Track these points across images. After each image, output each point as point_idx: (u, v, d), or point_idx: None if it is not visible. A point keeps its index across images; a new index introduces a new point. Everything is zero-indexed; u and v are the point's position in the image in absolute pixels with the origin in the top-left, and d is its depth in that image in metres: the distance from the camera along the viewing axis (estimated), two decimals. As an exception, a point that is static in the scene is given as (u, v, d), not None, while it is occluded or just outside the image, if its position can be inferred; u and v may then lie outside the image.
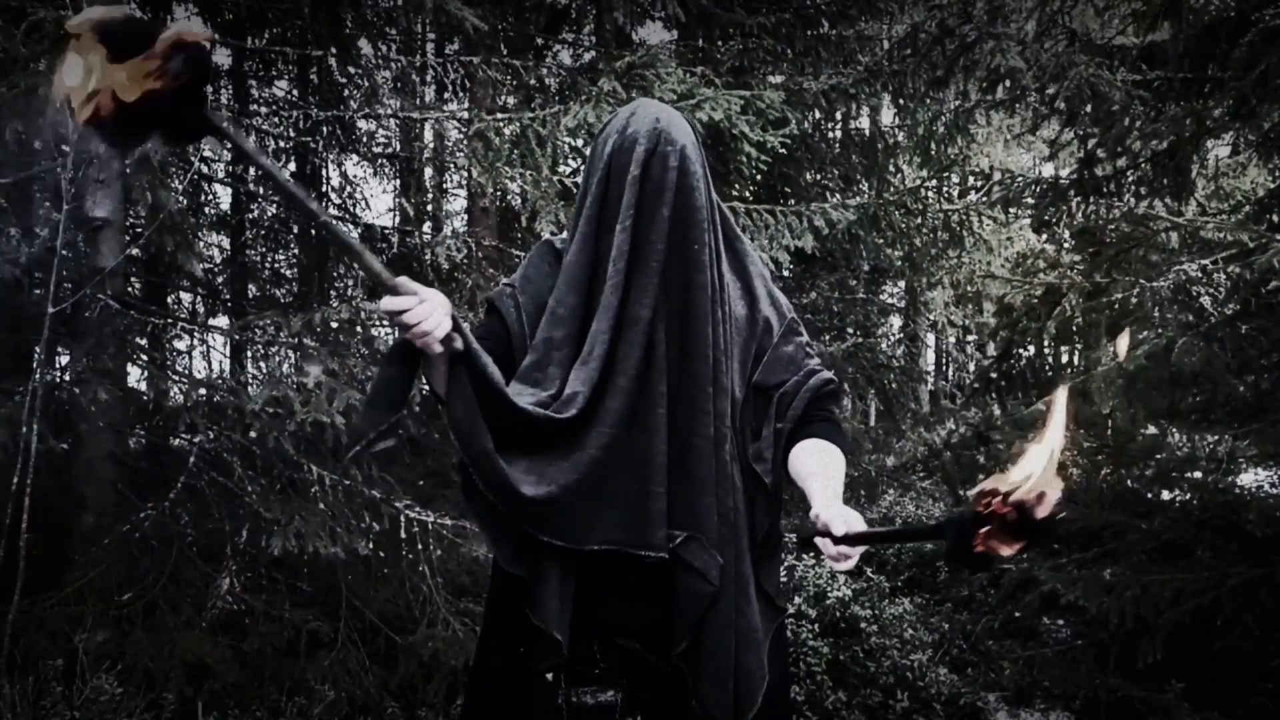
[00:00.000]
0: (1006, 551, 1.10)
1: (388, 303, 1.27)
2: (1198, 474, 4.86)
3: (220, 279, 6.45)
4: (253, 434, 3.48)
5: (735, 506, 1.55)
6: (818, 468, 1.50)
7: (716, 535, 1.51)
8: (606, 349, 1.49)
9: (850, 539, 1.32)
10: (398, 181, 7.23)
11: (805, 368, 1.63)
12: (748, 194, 5.16)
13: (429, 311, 1.28)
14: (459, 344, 1.35)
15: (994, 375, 4.74)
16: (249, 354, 5.96)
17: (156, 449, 4.17)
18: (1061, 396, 1.15)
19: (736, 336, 1.61)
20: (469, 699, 1.70)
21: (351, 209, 6.76)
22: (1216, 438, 4.90)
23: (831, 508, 1.37)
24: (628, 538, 1.49)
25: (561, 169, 4.68)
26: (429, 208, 7.85)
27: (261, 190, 5.90)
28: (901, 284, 11.04)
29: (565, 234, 1.69)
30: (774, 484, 1.58)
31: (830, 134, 7.81)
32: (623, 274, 1.50)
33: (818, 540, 1.36)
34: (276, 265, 6.86)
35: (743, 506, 1.57)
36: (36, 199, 4.95)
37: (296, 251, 6.77)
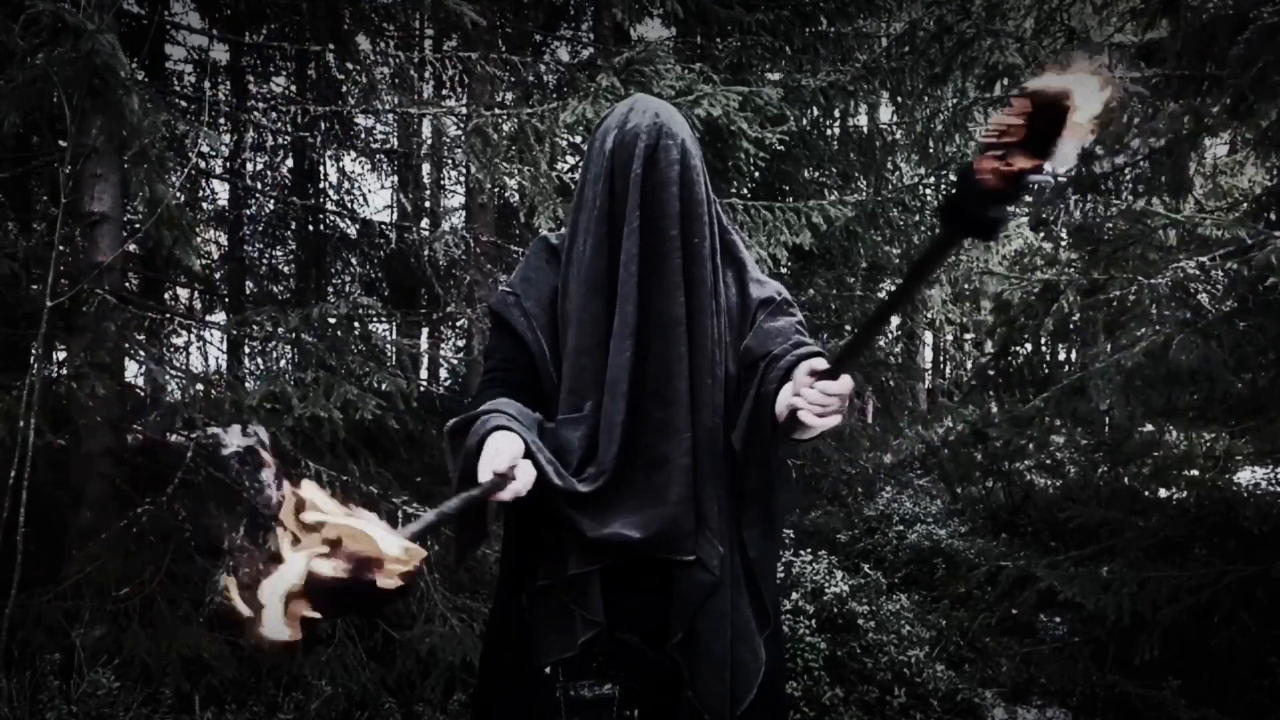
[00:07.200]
0: (1024, 164, 0.91)
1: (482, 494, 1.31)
2: (1195, 471, 4.87)
3: (218, 274, 6.45)
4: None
5: (732, 498, 1.56)
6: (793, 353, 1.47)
7: (716, 526, 1.52)
8: (629, 368, 1.50)
9: (829, 368, 1.26)
10: (396, 177, 7.23)
11: (793, 339, 1.57)
12: (745, 191, 5.15)
13: (502, 484, 1.31)
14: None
15: (991, 372, 4.74)
16: (246, 349, 5.96)
17: (154, 444, 4.16)
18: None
19: (730, 325, 1.61)
20: (475, 697, 1.71)
21: (350, 204, 6.76)
22: (1214, 435, 4.91)
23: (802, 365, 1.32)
24: (660, 543, 1.50)
25: (559, 165, 4.68)
26: (427, 203, 7.84)
27: (259, 186, 5.89)
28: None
29: (563, 230, 1.68)
30: (744, 451, 1.53)
31: (828, 131, 7.80)
32: (636, 276, 1.50)
33: (794, 400, 1.28)
34: (274, 261, 6.85)
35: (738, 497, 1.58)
36: (34, 193, 4.95)
37: (294, 247, 6.76)
